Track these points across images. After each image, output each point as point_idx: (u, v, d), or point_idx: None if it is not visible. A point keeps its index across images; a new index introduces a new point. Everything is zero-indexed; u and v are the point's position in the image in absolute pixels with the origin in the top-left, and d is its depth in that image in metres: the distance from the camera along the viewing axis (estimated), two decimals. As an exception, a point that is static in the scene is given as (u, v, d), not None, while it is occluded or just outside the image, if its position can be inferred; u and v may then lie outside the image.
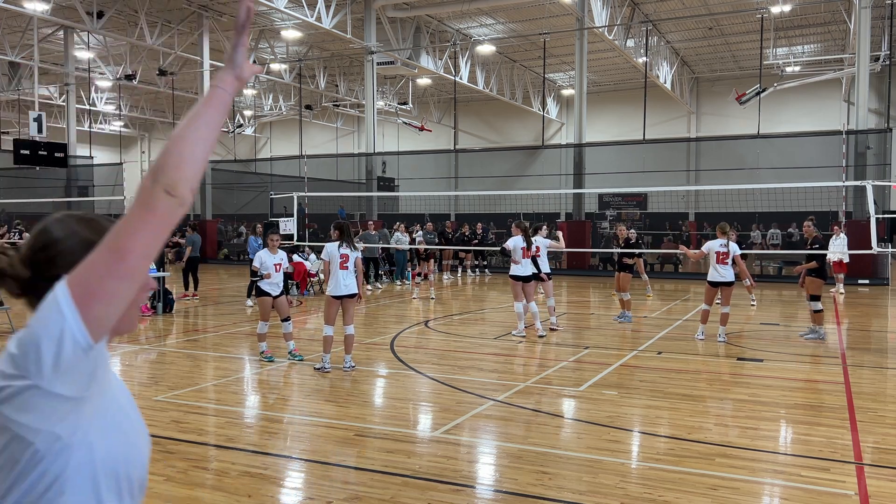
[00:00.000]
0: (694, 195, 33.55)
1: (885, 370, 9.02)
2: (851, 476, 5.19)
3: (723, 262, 10.55)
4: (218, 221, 30.59)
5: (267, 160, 38.44)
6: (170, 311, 14.15)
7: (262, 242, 15.55)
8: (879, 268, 20.37)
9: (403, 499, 4.76)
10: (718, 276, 10.60)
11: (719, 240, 10.63)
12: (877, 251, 13.29)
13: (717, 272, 10.61)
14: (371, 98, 26.96)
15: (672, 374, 8.70)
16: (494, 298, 17.35)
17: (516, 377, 8.41)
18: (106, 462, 1.32)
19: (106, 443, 1.32)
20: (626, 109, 36.65)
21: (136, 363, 9.54)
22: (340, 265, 8.48)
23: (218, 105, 1.42)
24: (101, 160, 39.88)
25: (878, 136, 21.46)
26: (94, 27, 24.66)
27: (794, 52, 32.05)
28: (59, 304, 1.20)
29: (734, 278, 10.69)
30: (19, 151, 20.90)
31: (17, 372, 1.21)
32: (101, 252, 1.22)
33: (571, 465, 5.43)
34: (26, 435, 1.23)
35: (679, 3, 26.17)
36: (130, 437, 1.41)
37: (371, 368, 9.06)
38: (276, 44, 32.32)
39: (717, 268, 10.60)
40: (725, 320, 10.80)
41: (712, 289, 10.77)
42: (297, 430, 6.36)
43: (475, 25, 29.45)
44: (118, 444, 1.36)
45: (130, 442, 1.40)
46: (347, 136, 46.08)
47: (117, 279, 1.21)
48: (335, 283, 8.48)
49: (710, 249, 10.65)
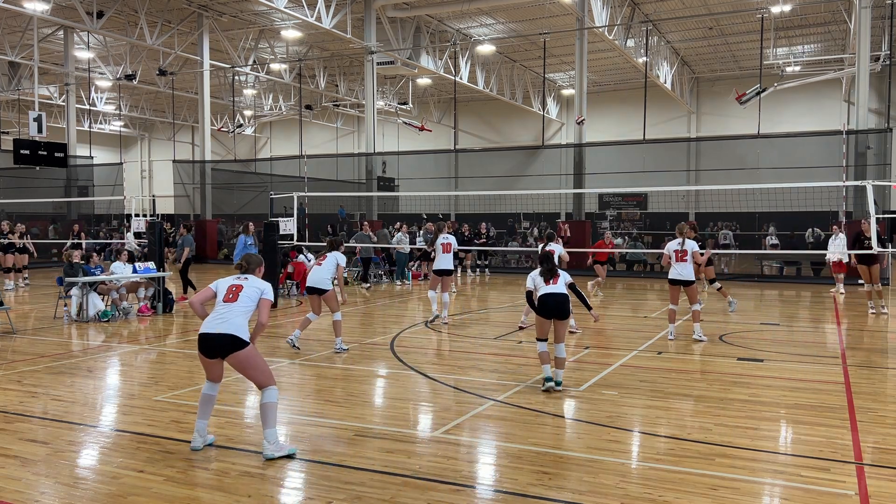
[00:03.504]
0: (694, 195, 33.55)
1: (885, 370, 9.02)
2: (851, 476, 5.19)
3: (681, 261, 10.71)
4: (218, 221, 30.59)
5: (267, 160, 38.42)
6: (170, 311, 14.16)
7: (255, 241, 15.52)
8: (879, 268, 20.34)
9: (403, 499, 4.76)
10: (676, 273, 10.79)
11: (677, 239, 10.85)
12: (877, 251, 13.29)
13: (675, 270, 10.81)
14: (371, 98, 26.96)
15: (672, 374, 8.70)
16: (495, 298, 17.35)
17: (516, 377, 8.41)
18: None
19: None
20: (626, 109, 36.66)
21: (136, 363, 9.54)
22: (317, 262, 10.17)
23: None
24: (101, 160, 39.89)
25: (878, 136, 21.46)
26: (94, 27, 24.67)
27: (795, 52, 32.05)
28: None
29: (693, 277, 10.79)
30: (19, 151, 20.90)
31: None
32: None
33: (571, 465, 5.43)
34: None
35: (679, 3, 26.17)
36: None
37: (371, 368, 9.06)
38: (276, 44, 32.32)
39: (675, 266, 10.81)
40: (696, 317, 10.89)
41: (674, 287, 10.95)
42: (297, 430, 6.35)
43: (475, 25, 29.46)
44: None
45: None
46: (347, 136, 46.08)
47: None
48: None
49: (669, 250, 10.92)
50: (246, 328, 5.58)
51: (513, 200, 33.83)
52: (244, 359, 5.54)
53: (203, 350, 5.60)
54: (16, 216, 26.77)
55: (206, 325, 5.59)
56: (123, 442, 6.01)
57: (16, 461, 5.48)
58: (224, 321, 5.54)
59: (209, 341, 5.55)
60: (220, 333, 5.51)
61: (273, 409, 5.57)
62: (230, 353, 5.51)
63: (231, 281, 5.81)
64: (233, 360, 5.54)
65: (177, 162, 31.94)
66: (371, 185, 27.16)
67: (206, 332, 5.56)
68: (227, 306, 5.63)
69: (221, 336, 5.50)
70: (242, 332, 5.54)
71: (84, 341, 11.08)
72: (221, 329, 5.51)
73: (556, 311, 7.67)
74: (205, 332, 5.57)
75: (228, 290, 5.73)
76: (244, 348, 5.52)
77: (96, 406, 7.27)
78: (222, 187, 31.28)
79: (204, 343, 5.58)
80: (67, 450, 5.80)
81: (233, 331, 5.50)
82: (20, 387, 7.91)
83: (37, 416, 6.81)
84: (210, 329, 5.55)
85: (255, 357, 5.62)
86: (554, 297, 7.69)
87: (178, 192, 32.18)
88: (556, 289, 7.73)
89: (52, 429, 6.37)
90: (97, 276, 13.43)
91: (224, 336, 5.50)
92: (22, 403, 7.20)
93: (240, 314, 5.60)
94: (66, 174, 29.39)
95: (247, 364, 5.57)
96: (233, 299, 5.65)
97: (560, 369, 7.68)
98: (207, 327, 5.57)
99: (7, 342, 10.80)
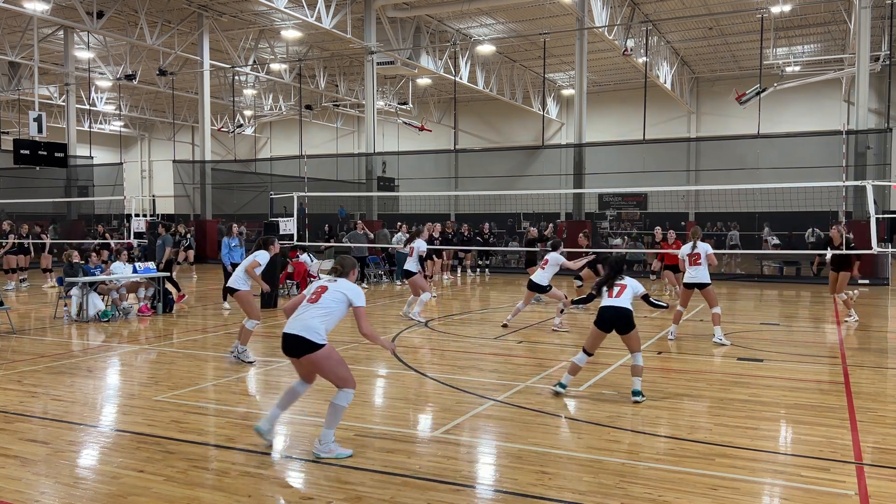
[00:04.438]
0: (694, 195, 33.55)
1: (885, 370, 9.02)
2: (851, 476, 5.19)
3: (695, 264, 10.72)
4: (218, 221, 30.58)
5: (267, 160, 38.43)
6: (170, 311, 14.15)
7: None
8: (879, 268, 20.36)
9: (403, 499, 4.76)
10: (690, 277, 10.84)
11: (689, 243, 10.92)
12: (877, 251, 13.28)
13: (689, 273, 10.88)
14: (371, 98, 26.96)
15: (672, 374, 8.70)
16: (495, 298, 17.36)
17: (516, 377, 8.41)
18: None
19: None
20: (626, 109, 36.65)
21: (136, 363, 9.54)
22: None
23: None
24: (101, 160, 39.89)
25: (878, 136, 21.46)
26: (94, 27, 24.67)
27: (794, 52, 32.05)
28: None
29: (708, 279, 10.75)
30: (19, 151, 20.90)
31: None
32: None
33: (571, 465, 5.43)
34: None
35: (679, 3, 26.17)
36: None
37: (371, 368, 9.06)
38: (276, 44, 32.32)
39: (689, 270, 10.88)
40: (717, 321, 10.80)
41: (688, 291, 10.98)
42: (297, 430, 6.36)
43: (475, 25, 29.45)
44: None
45: None
46: (347, 136, 46.08)
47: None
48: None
49: (682, 254, 11.03)
50: (319, 330, 5.42)
51: (513, 200, 33.82)
52: (315, 361, 5.45)
53: (283, 347, 5.59)
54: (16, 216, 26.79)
55: (287, 325, 5.58)
56: (123, 442, 6.01)
57: (16, 461, 5.48)
58: (302, 322, 5.47)
59: (284, 340, 5.54)
60: (290, 334, 5.47)
61: (338, 412, 5.47)
62: (303, 354, 5.43)
63: (320, 283, 5.74)
64: (306, 362, 5.48)
65: (177, 162, 31.94)
66: (371, 185, 27.16)
67: (286, 330, 5.55)
68: (307, 307, 5.56)
69: (292, 336, 5.46)
70: (312, 335, 5.40)
71: (84, 341, 11.08)
72: (292, 329, 5.47)
73: (613, 325, 7.24)
74: (284, 331, 5.57)
75: (314, 292, 5.65)
76: (316, 351, 5.41)
77: (96, 406, 7.27)
78: (222, 187, 31.27)
79: (282, 342, 5.57)
80: (67, 450, 5.80)
81: (301, 332, 5.41)
82: (20, 387, 7.91)
83: (37, 416, 6.81)
84: (288, 328, 5.54)
85: (329, 360, 5.46)
86: (613, 311, 7.25)
87: (178, 192, 32.18)
88: (617, 302, 7.27)
89: (52, 429, 6.37)
90: (97, 276, 13.44)
91: (293, 336, 5.44)
92: (22, 403, 7.20)
93: (316, 316, 5.46)
94: (66, 174, 29.37)
95: (318, 367, 5.49)
96: (314, 300, 5.57)
97: (637, 377, 7.21)
98: (287, 326, 5.56)
99: (7, 342, 10.80)
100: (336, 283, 5.66)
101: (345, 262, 5.86)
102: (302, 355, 5.44)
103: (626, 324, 7.22)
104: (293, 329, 5.47)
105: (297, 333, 5.42)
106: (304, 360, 5.48)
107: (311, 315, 5.47)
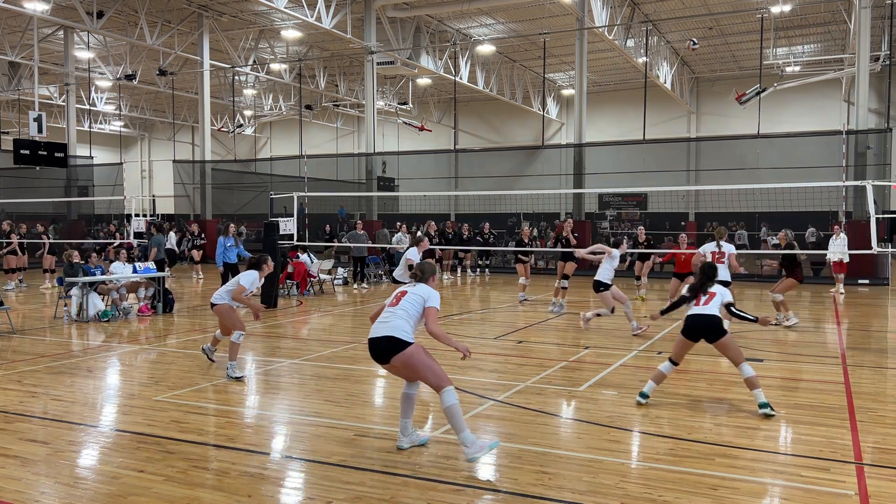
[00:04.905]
0: (694, 195, 33.55)
1: (885, 370, 9.02)
2: (851, 476, 5.19)
3: (718, 262, 10.69)
4: (218, 221, 30.58)
5: (267, 160, 38.42)
6: (170, 311, 14.15)
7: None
8: (879, 268, 20.36)
9: (403, 499, 4.76)
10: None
11: (713, 242, 10.93)
12: (877, 251, 13.28)
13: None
14: (371, 98, 26.96)
15: (672, 374, 8.68)
16: (495, 298, 17.35)
17: (516, 377, 8.41)
18: None
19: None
20: (626, 109, 36.65)
21: (136, 363, 9.54)
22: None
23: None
24: (101, 160, 39.88)
25: (878, 136, 21.46)
26: (94, 27, 24.66)
27: (794, 52, 32.05)
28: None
29: (730, 278, 10.80)
30: (19, 151, 20.90)
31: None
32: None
33: (571, 465, 5.43)
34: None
35: (679, 3, 26.17)
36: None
37: (371, 368, 9.06)
38: (276, 44, 32.32)
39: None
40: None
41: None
42: (297, 430, 6.36)
43: (475, 25, 29.45)
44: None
45: None
46: (347, 136, 46.08)
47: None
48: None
49: (705, 252, 10.92)
50: (407, 330, 5.46)
51: (513, 200, 33.80)
52: (407, 359, 5.42)
53: (372, 355, 5.58)
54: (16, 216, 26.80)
55: (371, 330, 5.59)
56: (123, 442, 6.01)
57: (16, 461, 5.48)
58: (386, 324, 5.51)
59: (372, 345, 5.53)
60: (379, 336, 5.49)
61: (456, 412, 5.29)
62: (392, 355, 5.43)
63: (400, 289, 5.79)
64: (397, 362, 5.46)
65: (177, 162, 31.94)
66: (371, 185, 27.16)
67: (371, 335, 5.56)
68: (390, 310, 5.62)
69: (381, 339, 5.46)
70: (401, 333, 5.42)
71: (84, 341, 11.08)
72: (383, 332, 5.48)
73: (702, 334, 6.91)
74: (369, 337, 5.57)
75: (395, 297, 5.71)
76: (405, 349, 5.41)
77: (96, 406, 7.27)
78: (222, 187, 31.28)
79: (370, 348, 5.57)
80: (67, 450, 5.80)
81: (391, 332, 5.44)
82: (20, 387, 7.91)
83: (37, 416, 6.81)
84: (372, 333, 5.55)
85: (420, 356, 5.44)
86: (702, 320, 6.92)
87: (178, 192, 32.18)
88: (706, 310, 6.94)
89: (52, 429, 6.37)
90: (97, 276, 13.44)
91: (383, 338, 5.45)
92: (22, 403, 7.20)
93: (401, 317, 5.51)
94: (66, 174, 29.37)
95: (411, 365, 5.45)
96: (395, 304, 5.63)
97: (756, 388, 6.78)
98: (372, 332, 5.57)
99: (7, 342, 10.80)
100: (415, 287, 5.74)
101: (425, 268, 5.90)
102: (391, 357, 5.43)
103: (716, 332, 6.88)
104: (379, 332, 5.50)
105: (384, 334, 5.46)
106: (394, 362, 5.46)
107: (396, 316, 5.53)
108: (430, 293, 5.64)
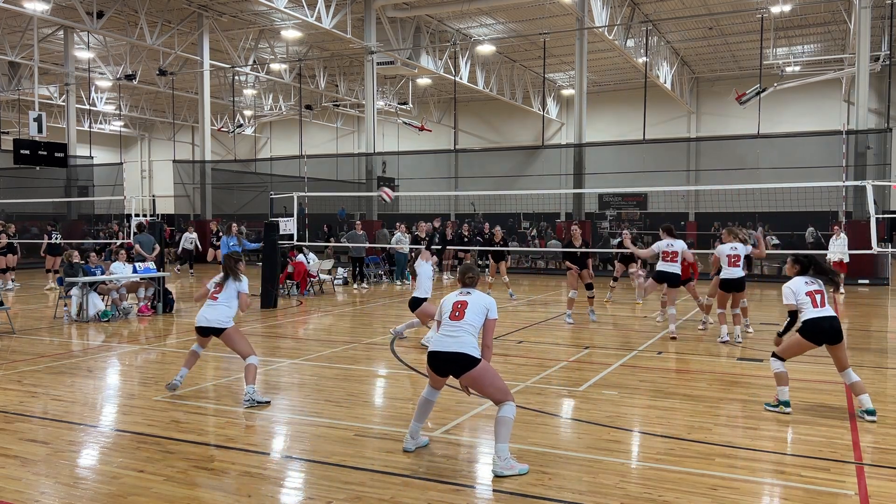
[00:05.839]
0: (694, 195, 33.56)
1: (885, 370, 9.02)
2: (851, 476, 5.19)
3: (734, 265, 10.59)
4: (218, 221, 30.58)
5: (267, 160, 38.42)
6: (170, 311, 14.15)
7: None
8: (879, 268, 20.36)
9: (403, 499, 4.76)
10: (729, 274, 10.62)
11: (731, 243, 10.70)
12: (877, 251, 13.29)
13: (727, 272, 10.63)
14: (371, 98, 26.95)
15: (672, 374, 8.70)
16: (495, 298, 17.32)
17: (516, 377, 8.41)
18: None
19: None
20: (626, 109, 36.66)
21: (136, 363, 9.54)
22: (211, 295, 7.58)
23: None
24: (101, 160, 39.88)
25: (878, 136, 21.45)
26: (94, 27, 24.66)
27: (794, 52, 32.05)
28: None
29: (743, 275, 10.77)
30: (19, 151, 20.90)
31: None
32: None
33: (571, 465, 5.43)
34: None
35: (679, 3, 26.17)
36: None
37: (371, 368, 9.07)
38: (276, 44, 32.32)
39: (727, 270, 10.63)
40: (738, 320, 10.87)
41: (726, 293, 10.77)
42: (297, 430, 6.36)
43: (475, 25, 29.46)
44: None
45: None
46: (347, 136, 46.08)
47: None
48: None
49: (721, 253, 10.73)
50: (476, 345, 5.45)
51: (513, 200, 33.81)
52: (478, 377, 5.39)
53: (434, 368, 5.51)
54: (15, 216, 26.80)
55: (437, 343, 5.49)
56: (123, 442, 6.01)
57: (16, 461, 5.48)
58: (455, 339, 5.43)
59: (441, 359, 5.45)
60: (452, 352, 5.40)
61: (507, 425, 5.27)
62: (463, 371, 5.39)
63: (455, 297, 5.68)
64: (466, 379, 5.44)
65: (177, 162, 31.94)
66: (371, 185, 27.14)
67: (438, 349, 5.47)
68: (456, 325, 5.51)
69: (454, 355, 5.39)
70: (472, 350, 5.39)
71: (84, 341, 11.08)
72: (454, 348, 5.40)
73: (829, 337, 6.59)
74: (436, 350, 5.48)
75: (454, 308, 5.59)
76: (476, 366, 5.38)
77: (96, 406, 7.27)
78: (222, 187, 31.28)
79: (435, 360, 5.49)
80: (67, 450, 5.80)
81: (465, 350, 5.39)
82: (20, 387, 7.91)
83: (37, 416, 6.81)
84: (441, 347, 5.46)
85: (490, 373, 5.42)
86: (830, 322, 6.56)
87: (178, 192, 32.17)
88: (828, 311, 6.61)
89: (52, 429, 6.37)
90: (97, 276, 13.44)
91: (457, 355, 5.39)
92: (22, 403, 7.20)
93: (469, 332, 5.45)
94: (66, 174, 29.37)
95: (482, 382, 5.42)
96: (459, 317, 5.54)
97: (862, 394, 6.61)
98: (438, 345, 5.47)
99: (7, 342, 10.80)
100: (471, 295, 5.67)
101: (473, 270, 5.90)
102: (462, 373, 5.40)
103: (840, 335, 6.60)
104: (448, 346, 5.41)
105: (456, 350, 5.39)
106: (463, 378, 5.43)
107: (465, 332, 5.46)
108: (490, 303, 5.62)
